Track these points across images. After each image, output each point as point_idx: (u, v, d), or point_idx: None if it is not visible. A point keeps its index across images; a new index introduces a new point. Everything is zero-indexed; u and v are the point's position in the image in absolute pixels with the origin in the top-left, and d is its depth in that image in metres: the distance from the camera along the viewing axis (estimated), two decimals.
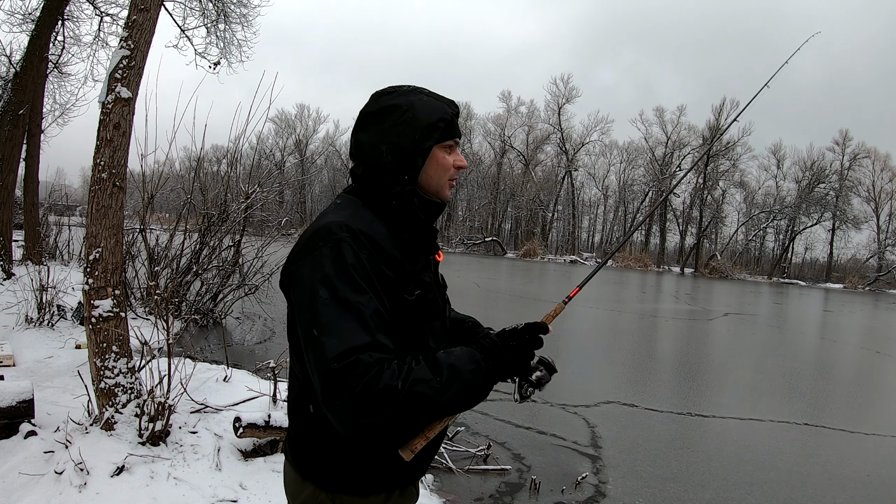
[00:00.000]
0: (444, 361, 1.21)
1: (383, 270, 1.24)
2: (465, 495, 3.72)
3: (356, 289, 1.19)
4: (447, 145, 1.37)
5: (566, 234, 54.29)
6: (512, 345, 1.31)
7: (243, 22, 13.06)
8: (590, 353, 8.84)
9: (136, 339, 3.77)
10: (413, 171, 1.34)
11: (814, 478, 4.51)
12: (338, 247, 1.21)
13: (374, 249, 1.25)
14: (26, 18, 11.90)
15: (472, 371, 1.22)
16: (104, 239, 3.51)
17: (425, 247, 1.40)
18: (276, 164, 51.08)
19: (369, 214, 1.32)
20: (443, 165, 1.38)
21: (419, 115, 1.32)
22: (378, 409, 1.12)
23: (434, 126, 1.34)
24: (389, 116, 1.33)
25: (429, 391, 1.16)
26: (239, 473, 3.40)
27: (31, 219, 12.36)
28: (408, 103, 1.34)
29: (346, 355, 1.13)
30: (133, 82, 3.62)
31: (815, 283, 44.06)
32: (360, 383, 1.11)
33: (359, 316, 1.16)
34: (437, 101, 1.37)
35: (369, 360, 1.13)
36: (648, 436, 5.20)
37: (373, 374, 1.12)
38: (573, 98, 52.79)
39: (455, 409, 1.23)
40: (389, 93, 1.37)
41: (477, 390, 1.24)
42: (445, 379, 1.18)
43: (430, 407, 1.17)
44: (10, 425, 3.60)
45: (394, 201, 1.34)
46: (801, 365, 9.65)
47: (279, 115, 55.18)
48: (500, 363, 1.28)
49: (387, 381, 1.12)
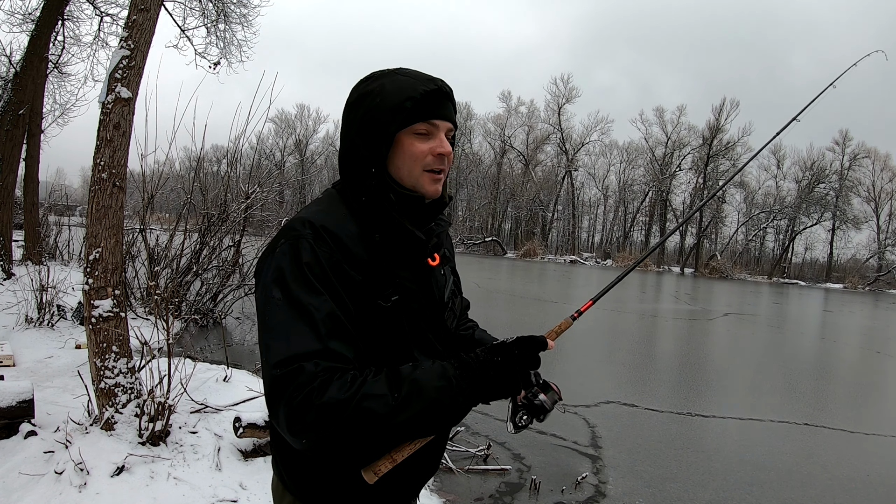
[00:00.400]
0: (406, 376, 1.06)
1: (346, 271, 1.12)
2: (465, 495, 3.72)
3: (310, 289, 1.08)
4: (419, 130, 1.19)
5: (566, 234, 54.32)
6: (496, 360, 1.12)
7: (243, 22, 13.08)
8: (590, 353, 8.84)
9: (136, 339, 3.77)
10: (378, 161, 1.19)
11: (814, 478, 4.51)
12: (295, 244, 1.11)
13: (337, 247, 1.12)
14: (26, 18, 11.90)
15: (440, 388, 1.06)
16: (104, 239, 3.51)
17: (408, 249, 1.23)
18: (276, 164, 51.08)
19: (342, 210, 1.20)
20: (411, 154, 1.20)
21: (386, 98, 1.18)
22: (319, 425, 1.00)
23: (398, 108, 1.17)
24: (363, 103, 1.21)
25: (380, 408, 1.02)
26: (239, 473, 3.40)
27: (31, 219, 12.37)
28: (379, 87, 1.20)
29: (288, 362, 1.03)
30: (133, 82, 3.62)
31: (815, 283, 44.06)
32: (300, 394, 1.00)
33: (309, 319, 1.06)
34: (411, 80, 1.20)
35: (313, 369, 1.02)
36: (648, 436, 5.20)
37: (316, 385, 1.01)
38: (573, 98, 52.88)
39: (416, 430, 1.08)
40: (367, 79, 1.24)
41: (444, 411, 1.07)
42: (404, 395, 1.04)
43: (381, 426, 1.03)
44: (10, 425, 3.60)
45: (363, 197, 1.20)
46: (801, 365, 9.65)
47: (279, 115, 55.30)
48: (477, 381, 1.10)
49: (332, 395, 1.00)
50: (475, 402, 1.12)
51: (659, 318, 14.12)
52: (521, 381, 1.17)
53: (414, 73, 1.23)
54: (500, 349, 1.14)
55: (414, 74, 1.22)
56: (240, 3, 12.87)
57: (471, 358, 1.13)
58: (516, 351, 1.14)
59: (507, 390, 1.14)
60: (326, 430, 1.01)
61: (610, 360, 8.56)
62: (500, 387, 1.13)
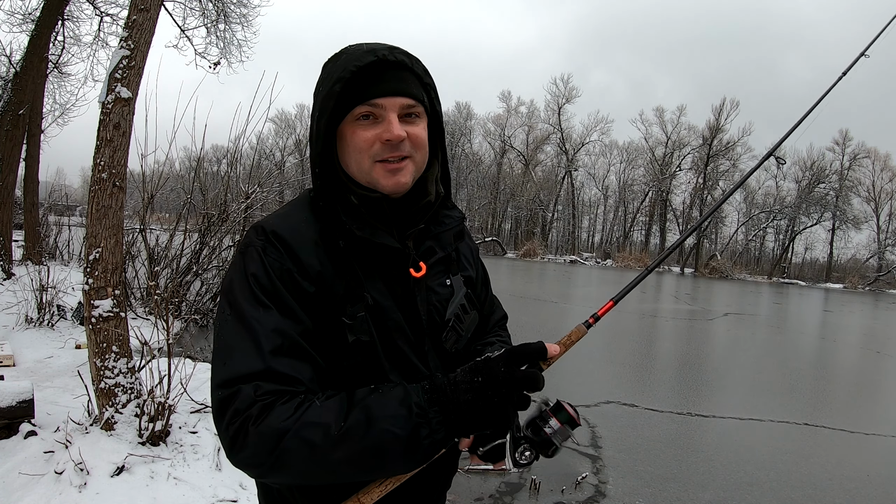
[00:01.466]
0: (359, 401, 0.91)
1: (297, 281, 0.98)
2: (465, 495, 3.72)
3: (256, 302, 0.96)
4: (358, 114, 1.00)
5: (566, 234, 54.32)
6: (475, 381, 0.91)
7: (243, 22, 13.10)
8: (590, 353, 8.83)
9: (136, 339, 3.77)
10: (322, 160, 1.04)
11: (814, 478, 4.51)
12: (245, 252, 1.00)
13: (289, 255, 0.99)
14: (26, 18, 11.91)
15: (394, 417, 0.88)
16: (104, 239, 3.51)
17: (378, 257, 1.05)
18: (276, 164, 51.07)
19: (304, 214, 1.06)
20: (354, 144, 1.02)
21: (323, 85, 1.03)
22: (256, 455, 0.88)
23: (330, 93, 1.00)
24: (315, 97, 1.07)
25: (319, 440, 0.87)
26: (239, 473, 3.38)
27: (31, 219, 12.38)
28: (324, 74, 1.05)
29: (228, 384, 0.92)
30: (133, 82, 3.62)
31: (815, 283, 44.05)
32: (237, 420, 0.89)
33: (253, 336, 0.94)
34: (347, 57, 1.01)
35: (251, 392, 0.89)
36: (648, 436, 5.20)
37: (253, 411, 0.88)
38: (573, 98, 52.88)
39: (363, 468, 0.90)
40: (321, 71, 1.08)
41: (398, 445, 0.88)
42: (349, 426, 0.87)
43: (320, 460, 0.87)
44: (10, 425, 3.60)
45: (321, 201, 1.06)
46: (801, 365, 9.65)
47: (279, 115, 55.31)
48: (451, 409, 0.89)
49: (270, 423, 0.87)
50: (448, 435, 0.90)
51: (659, 318, 14.12)
52: (513, 408, 0.92)
53: (355, 48, 1.03)
54: (483, 367, 0.93)
55: (354, 49, 1.03)
56: (240, 3, 12.89)
57: (445, 380, 0.93)
58: (502, 368, 0.91)
59: (492, 421, 0.91)
60: (264, 460, 0.88)
61: (610, 360, 8.56)
62: (482, 415, 0.90)
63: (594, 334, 1.18)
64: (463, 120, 55.34)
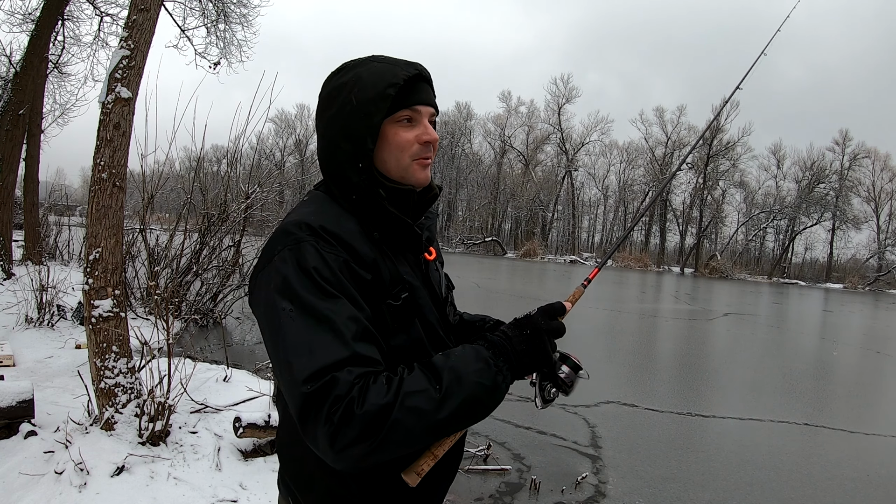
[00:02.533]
0: (442, 366, 1.01)
1: (356, 271, 1.05)
2: (465, 495, 3.72)
3: (325, 295, 1.00)
4: (402, 118, 1.14)
5: (566, 234, 54.32)
6: (525, 334, 1.10)
7: (243, 22, 13.09)
8: (590, 353, 8.83)
9: (136, 339, 3.77)
10: (365, 156, 1.13)
11: (814, 478, 4.51)
12: (297, 248, 1.03)
13: (342, 247, 1.05)
14: (26, 18, 11.91)
15: (479, 371, 1.02)
16: (104, 239, 3.52)
17: (406, 244, 1.19)
18: (276, 164, 51.09)
19: (336, 209, 1.13)
20: (397, 143, 1.14)
21: (366, 87, 1.11)
22: (366, 435, 0.93)
23: (381, 96, 1.10)
24: (338, 97, 1.14)
25: (426, 404, 0.96)
26: (239, 473, 3.40)
27: (31, 219, 12.38)
28: (355, 77, 1.13)
29: (319, 375, 0.94)
30: (133, 82, 3.62)
31: (815, 283, 44.06)
32: (339, 407, 0.92)
33: (331, 326, 0.97)
34: (389, 66, 1.14)
35: (348, 377, 0.94)
36: (648, 436, 5.20)
37: (354, 393, 0.93)
38: (573, 98, 52.90)
39: (463, 420, 1.02)
40: (338, 71, 1.18)
41: (488, 394, 1.03)
42: (446, 386, 0.98)
43: (429, 422, 0.97)
44: (10, 425, 3.60)
45: (354, 195, 1.14)
46: (801, 365, 9.65)
47: (279, 115, 55.30)
48: (513, 357, 1.07)
49: (373, 400, 0.93)
50: (513, 379, 1.09)
51: (659, 318, 14.12)
52: (553, 350, 1.14)
53: (391, 60, 1.17)
54: (526, 322, 1.12)
55: (391, 60, 1.16)
56: (240, 3, 12.89)
57: (498, 336, 1.09)
58: (542, 321, 1.12)
59: (542, 362, 1.12)
60: (374, 438, 0.93)
61: (610, 360, 8.56)
62: (535, 359, 1.10)
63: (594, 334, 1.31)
64: (463, 120, 55.35)
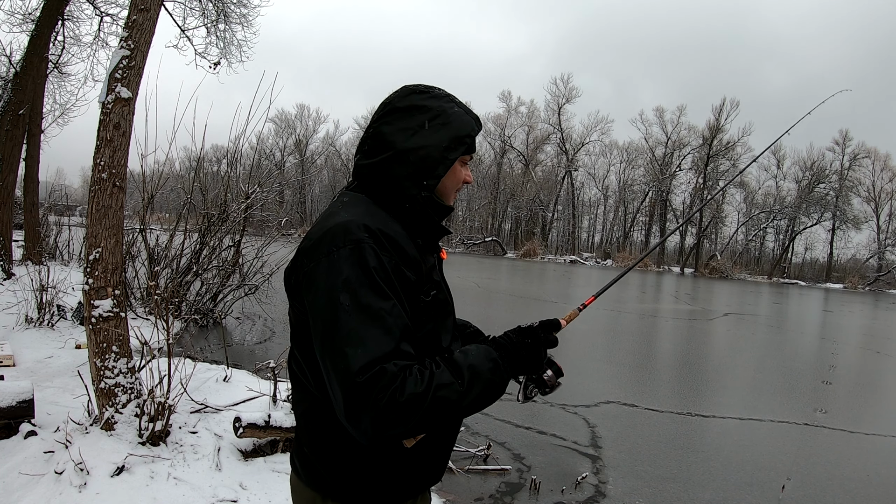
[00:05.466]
0: (463, 363, 1.19)
1: (404, 273, 1.21)
2: (465, 495, 3.72)
3: (379, 294, 1.14)
4: (464, 159, 1.38)
5: (566, 234, 54.28)
6: (527, 342, 1.31)
7: (243, 22, 13.09)
8: (590, 353, 8.84)
9: (136, 339, 3.77)
10: (434, 178, 1.31)
11: (814, 478, 4.51)
12: (359, 248, 1.16)
13: (395, 251, 1.20)
14: (26, 18, 11.91)
15: (491, 370, 1.22)
16: (104, 239, 3.52)
17: (436, 248, 1.40)
18: (276, 164, 51.08)
19: (383, 213, 1.27)
20: (456, 177, 1.38)
21: (452, 125, 1.31)
22: (404, 420, 1.10)
23: (462, 140, 1.33)
24: (419, 116, 1.29)
25: (453, 395, 1.15)
26: (239, 473, 3.40)
27: (31, 219, 12.37)
28: (440, 109, 1.31)
29: (370, 366, 1.09)
30: (133, 82, 3.62)
31: (815, 283, 44.04)
32: (385, 395, 1.08)
33: (383, 323, 1.13)
34: (467, 116, 1.36)
35: (394, 369, 1.10)
36: (648, 436, 5.20)
37: (398, 384, 1.09)
38: (573, 98, 52.86)
39: (476, 408, 1.22)
40: (423, 92, 1.33)
41: (495, 389, 1.23)
42: (467, 381, 1.17)
43: (454, 410, 1.16)
44: (10, 425, 3.60)
45: (407, 204, 1.30)
46: (801, 365, 9.65)
47: (279, 115, 55.27)
48: (515, 360, 1.29)
49: (411, 390, 1.10)
50: (512, 377, 1.31)
51: (659, 318, 14.12)
52: (544, 358, 1.35)
53: (466, 109, 1.37)
54: (529, 332, 1.33)
55: (466, 110, 1.37)
56: (240, 3, 12.88)
57: (505, 340, 1.31)
58: (542, 333, 1.33)
59: (535, 367, 1.34)
60: (410, 422, 1.11)
61: (610, 360, 8.56)
62: (531, 364, 1.32)
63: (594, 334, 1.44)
64: None
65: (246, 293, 8.92)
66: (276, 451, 3.69)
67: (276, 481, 3.39)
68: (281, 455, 3.67)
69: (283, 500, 3.24)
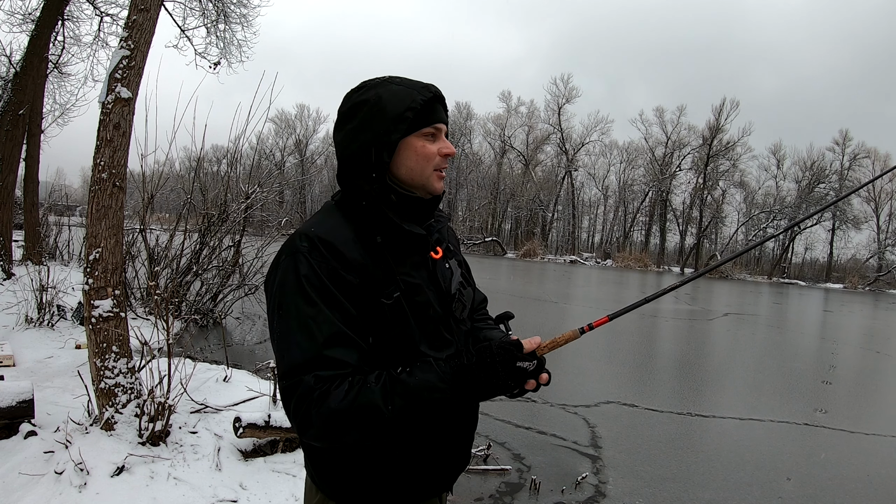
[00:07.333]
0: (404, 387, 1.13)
1: (342, 276, 1.18)
2: (465, 495, 3.72)
3: (307, 301, 1.15)
4: (426, 133, 1.28)
5: (566, 234, 54.28)
6: (487, 361, 1.17)
7: (243, 22, 13.09)
8: (590, 353, 8.83)
9: (136, 339, 3.77)
10: (380, 167, 1.26)
11: (814, 478, 4.51)
12: (293, 258, 1.19)
13: (332, 255, 1.18)
14: (26, 18, 11.91)
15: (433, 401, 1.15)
16: (104, 239, 3.52)
17: (410, 246, 1.30)
18: (276, 164, 51.08)
19: (337, 218, 1.27)
20: (423, 155, 1.28)
21: (385, 108, 1.25)
22: (323, 432, 1.11)
23: (400, 117, 1.25)
24: (358, 113, 1.27)
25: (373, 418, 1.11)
26: (239, 473, 3.40)
27: (31, 219, 12.37)
28: (375, 97, 1.26)
29: (290, 374, 1.12)
30: (133, 82, 3.62)
31: (815, 283, 44.04)
32: (302, 405, 1.10)
33: (307, 331, 1.13)
34: (406, 89, 1.27)
35: (311, 382, 1.10)
36: (648, 436, 5.20)
37: (315, 396, 1.09)
38: (573, 98, 52.87)
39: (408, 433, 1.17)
40: (359, 89, 1.31)
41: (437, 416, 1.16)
42: (398, 408, 1.11)
43: (378, 433, 1.13)
44: (10, 425, 3.60)
45: (364, 202, 1.26)
46: (801, 365, 9.65)
47: (279, 115, 55.26)
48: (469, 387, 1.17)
49: (330, 405, 1.09)
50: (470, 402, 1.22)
51: (659, 318, 14.11)
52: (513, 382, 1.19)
53: (408, 82, 1.29)
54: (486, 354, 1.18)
55: (408, 83, 1.29)
56: (240, 3, 12.88)
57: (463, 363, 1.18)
58: (498, 359, 1.17)
59: (498, 389, 1.19)
60: (330, 435, 1.12)
61: (610, 360, 8.56)
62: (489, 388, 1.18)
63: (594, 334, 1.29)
64: (463, 120, 55.31)
65: (246, 293, 8.93)
66: (277, 452, 3.69)
67: (276, 481, 3.39)
68: (281, 455, 3.67)
69: (283, 500, 3.24)
